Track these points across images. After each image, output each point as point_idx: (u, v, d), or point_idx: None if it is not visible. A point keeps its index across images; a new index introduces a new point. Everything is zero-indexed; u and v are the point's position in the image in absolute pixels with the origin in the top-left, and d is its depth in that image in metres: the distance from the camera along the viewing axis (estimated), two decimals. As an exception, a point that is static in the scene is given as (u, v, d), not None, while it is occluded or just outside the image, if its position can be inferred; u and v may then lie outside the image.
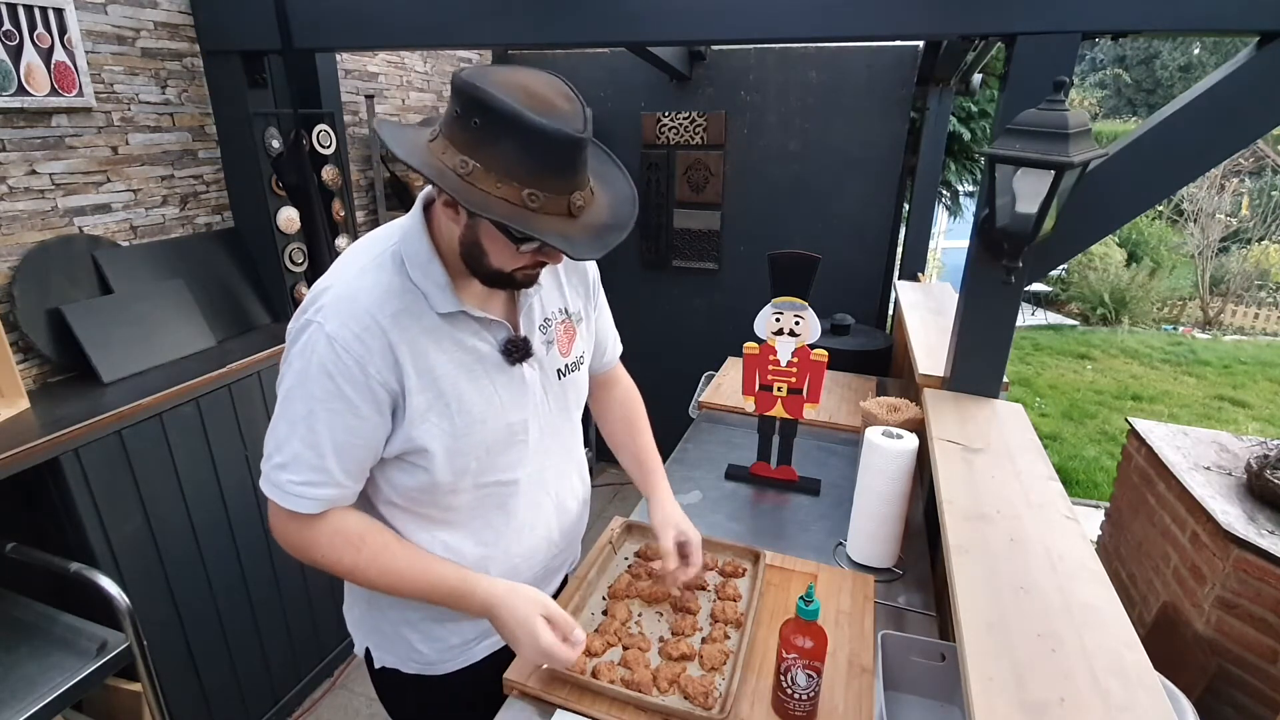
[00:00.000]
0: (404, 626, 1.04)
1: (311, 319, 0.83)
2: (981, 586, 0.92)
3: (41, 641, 1.40)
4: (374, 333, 0.82)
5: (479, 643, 1.07)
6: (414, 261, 0.87)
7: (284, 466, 0.85)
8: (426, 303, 0.86)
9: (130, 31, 1.78)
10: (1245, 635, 1.63)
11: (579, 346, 1.07)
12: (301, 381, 0.83)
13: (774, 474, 1.61)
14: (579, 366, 1.08)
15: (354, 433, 0.85)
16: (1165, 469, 1.95)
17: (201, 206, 2.04)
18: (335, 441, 0.84)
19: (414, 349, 0.85)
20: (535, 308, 0.99)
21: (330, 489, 0.86)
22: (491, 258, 0.83)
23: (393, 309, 0.84)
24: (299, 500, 0.85)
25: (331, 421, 0.83)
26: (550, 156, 0.75)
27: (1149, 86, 18.46)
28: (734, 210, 3.09)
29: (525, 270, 0.86)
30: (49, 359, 1.65)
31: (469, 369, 0.90)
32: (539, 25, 1.58)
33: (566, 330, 1.05)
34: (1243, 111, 1.17)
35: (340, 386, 0.82)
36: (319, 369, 0.82)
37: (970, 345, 1.45)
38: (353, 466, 0.87)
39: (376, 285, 0.84)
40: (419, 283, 0.86)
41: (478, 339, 0.91)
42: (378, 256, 0.87)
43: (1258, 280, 8.21)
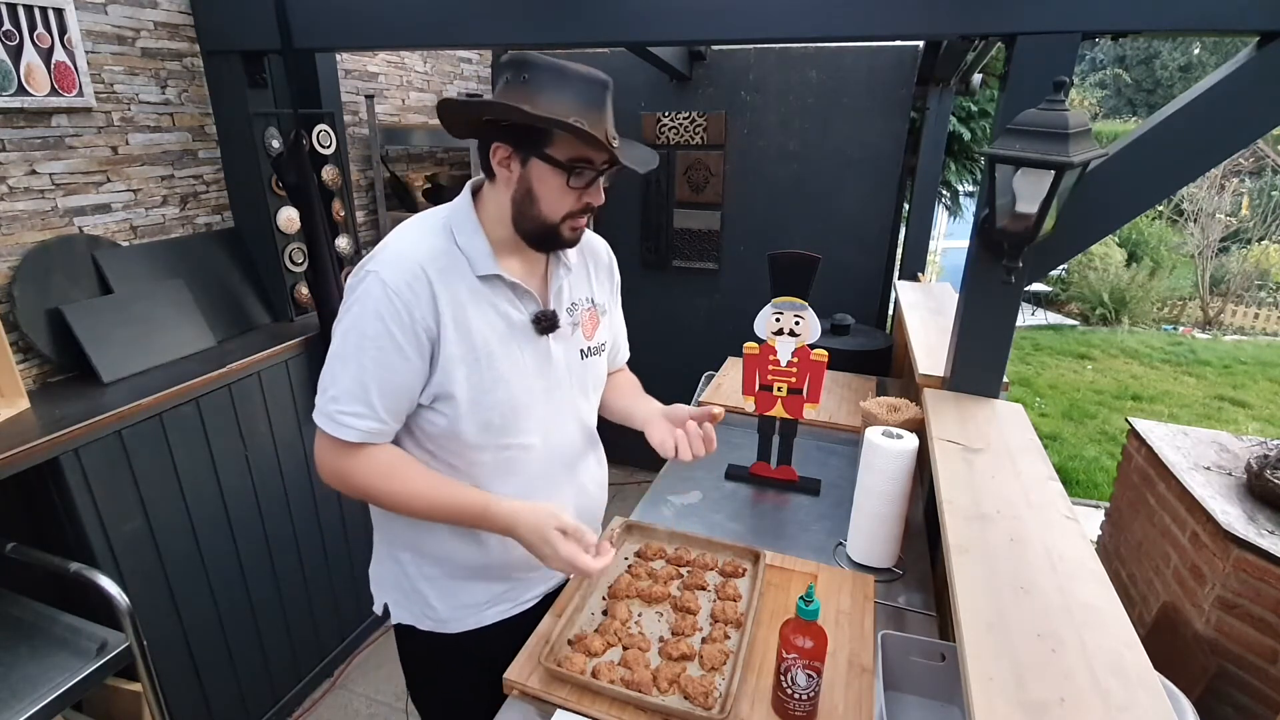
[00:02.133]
0: (422, 582, 1.12)
1: (370, 269, 0.94)
2: (981, 586, 0.92)
3: (41, 641, 1.40)
4: (422, 282, 0.93)
5: (490, 606, 1.14)
6: (460, 229, 0.99)
7: (335, 399, 0.95)
8: (469, 265, 0.97)
9: (130, 31, 1.78)
10: (1245, 635, 1.63)
11: (602, 334, 1.17)
12: (356, 323, 0.93)
13: (774, 474, 1.61)
14: (600, 352, 1.17)
15: (397, 372, 0.94)
16: (1165, 469, 1.95)
17: (201, 206, 2.04)
18: (380, 379, 0.94)
19: (455, 302, 0.95)
20: (565, 290, 1.09)
21: (372, 422, 0.95)
22: (542, 204, 0.95)
23: (440, 265, 0.95)
24: (344, 429, 0.95)
25: (379, 359, 0.93)
26: (586, 94, 0.91)
27: (1149, 86, 18.46)
28: (734, 210, 3.09)
29: (572, 220, 0.98)
30: (49, 359, 1.65)
31: (500, 332, 1.00)
32: (539, 25, 1.58)
33: (591, 317, 1.15)
34: (1243, 111, 1.17)
35: (390, 328, 0.92)
36: (373, 312, 0.92)
37: (970, 345, 1.45)
38: (393, 404, 0.96)
39: (427, 245, 0.96)
40: (464, 247, 0.98)
41: (511, 306, 1.01)
42: (430, 225, 1.00)
43: (1258, 280, 8.21)
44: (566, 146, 0.92)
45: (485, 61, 3.19)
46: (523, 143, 0.93)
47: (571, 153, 0.92)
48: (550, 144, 0.92)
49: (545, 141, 0.92)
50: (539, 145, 0.92)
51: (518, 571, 1.14)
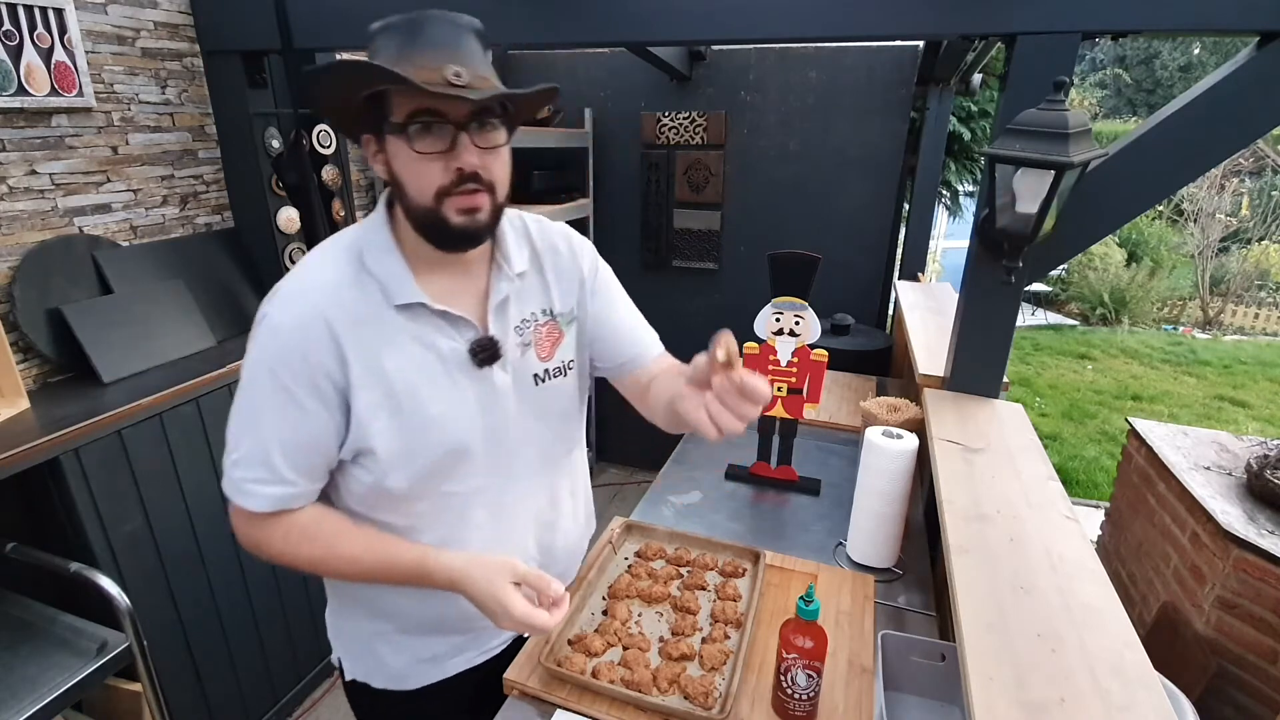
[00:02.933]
0: (376, 639, 1.00)
1: (263, 311, 0.83)
2: (981, 586, 0.92)
3: (41, 641, 1.40)
4: (317, 325, 0.80)
5: (451, 658, 1.02)
6: (371, 252, 0.85)
7: (237, 464, 0.83)
8: (382, 295, 0.83)
9: (130, 31, 1.78)
10: (1245, 635, 1.63)
11: (565, 351, 0.99)
12: (251, 377, 0.82)
13: (774, 474, 1.61)
14: (564, 372, 0.99)
15: (299, 429, 0.82)
16: (1165, 469, 1.95)
17: (201, 206, 2.04)
18: (281, 438, 0.82)
19: (362, 344, 0.82)
20: (510, 306, 0.92)
21: (279, 487, 0.83)
22: (406, 185, 0.80)
23: (343, 300, 0.82)
24: (249, 498, 0.83)
25: (277, 417, 0.81)
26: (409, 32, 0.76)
27: (1149, 86, 18.46)
28: (734, 210, 3.09)
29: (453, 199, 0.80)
30: (49, 359, 1.65)
31: (428, 368, 0.86)
32: (539, 25, 1.58)
33: (549, 333, 0.97)
34: (1243, 111, 1.17)
35: (283, 379, 0.80)
36: (264, 363, 0.81)
37: (970, 345, 1.45)
38: (302, 464, 0.84)
39: (328, 277, 0.83)
40: (375, 272, 0.84)
41: (441, 336, 0.87)
42: (334, 251, 0.87)
43: (1258, 280, 8.21)
44: (402, 104, 0.77)
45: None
46: (371, 123, 0.81)
47: (408, 108, 0.77)
48: (391, 109, 0.78)
49: (387, 109, 0.78)
50: (385, 116, 0.78)
51: (479, 622, 0.93)
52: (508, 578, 0.82)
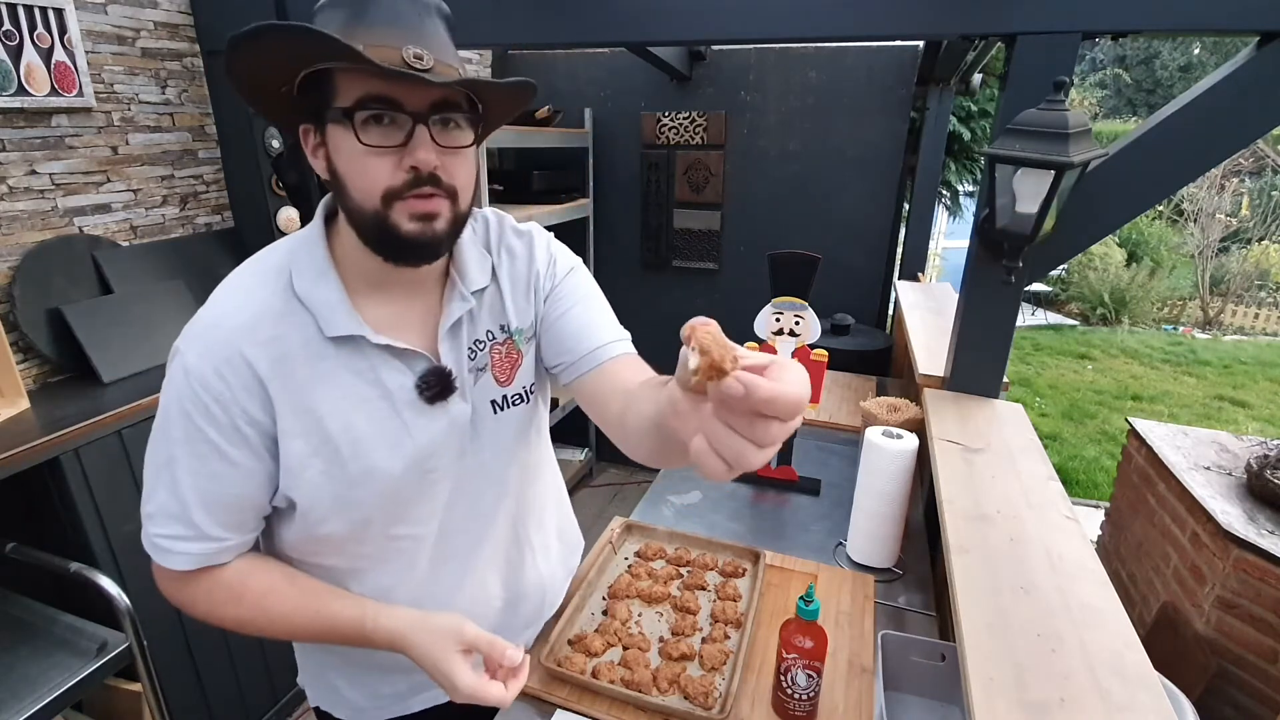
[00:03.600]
0: (329, 670, 0.93)
1: (175, 346, 0.72)
2: (981, 586, 0.92)
3: (41, 641, 1.40)
4: (236, 365, 0.69)
5: (414, 695, 0.94)
6: (302, 274, 0.73)
7: (151, 517, 0.74)
8: (315, 325, 0.72)
9: (130, 31, 1.78)
10: (1245, 635, 1.63)
11: (525, 373, 0.88)
12: (163, 422, 0.72)
13: (774, 474, 1.61)
14: (525, 398, 0.88)
15: (221, 480, 0.72)
16: (1165, 469, 1.95)
17: (201, 206, 2.04)
18: (200, 490, 0.72)
19: (290, 383, 0.71)
20: (462, 328, 0.81)
21: (201, 543, 0.73)
22: (349, 183, 0.68)
23: (266, 335, 0.70)
24: (168, 556, 0.74)
25: (194, 467, 0.71)
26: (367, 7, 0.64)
27: (1149, 86, 18.45)
28: (734, 210, 3.09)
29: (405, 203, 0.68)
30: (49, 359, 1.65)
31: (369, 406, 0.75)
32: (539, 25, 1.58)
33: (508, 353, 0.85)
34: (1243, 111, 1.17)
35: (200, 426, 0.70)
36: (177, 407, 0.71)
37: (970, 345, 1.45)
38: (226, 518, 0.74)
39: (248, 306, 0.71)
40: (306, 299, 0.72)
41: (386, 369, 0.75)
42: (259, 272, 0.74)
43: (1258, 280, 8.21)
44: (351, 87, 0.65)
45: (485, 61, 3.19)
46: (311, 108, 0.68)
47: (356, 91, 0.65)
48: (335, 93, 0.66)
49: (331, 92, 0.66)
50: (327, 101, 0.66)
51: None
52: (454, 645, 0.73)
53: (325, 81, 0.67)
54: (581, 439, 3.61)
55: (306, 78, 0.68)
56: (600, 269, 3.36)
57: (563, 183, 3.07)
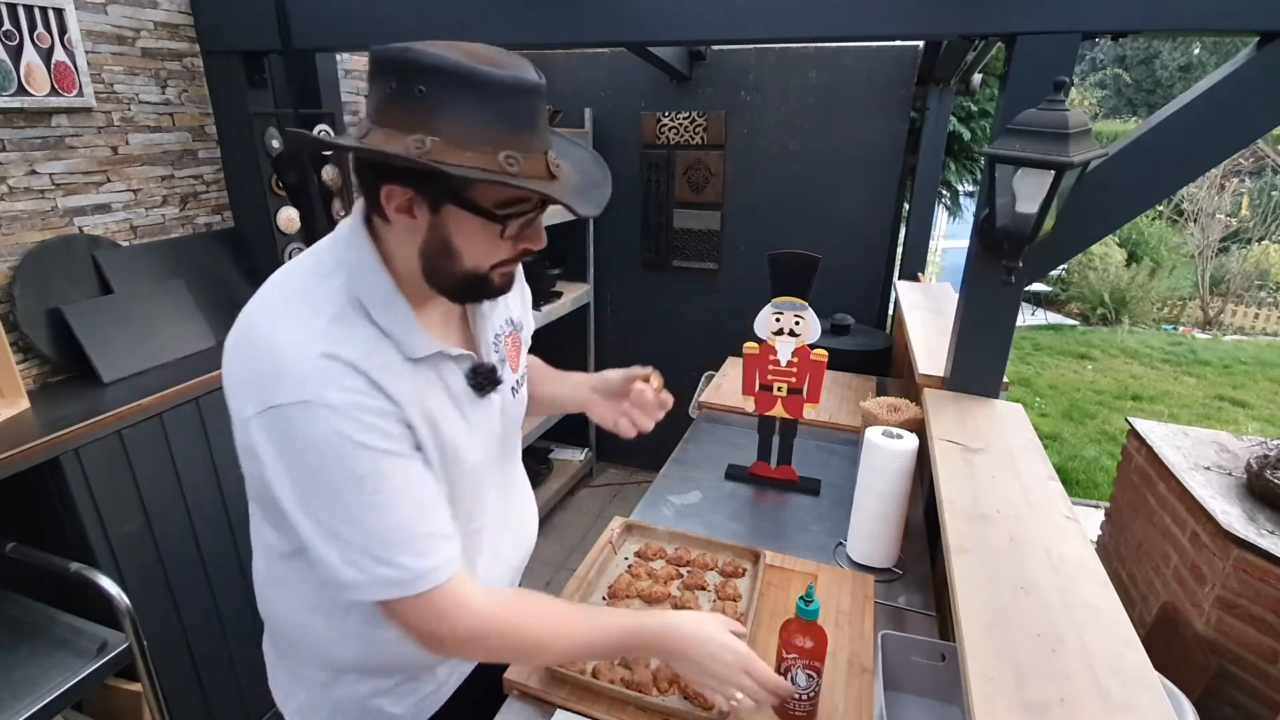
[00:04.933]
0: (375, 697, 0.92)
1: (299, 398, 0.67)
2: (981, 586, 0.92)
3: (41, 641, 1.40)
4: (370, 388, 0.70)
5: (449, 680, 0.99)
6: (375, 302, 0.74)
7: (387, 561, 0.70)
8: (395, 349, 0.74)
9: (130, 31, 1.78)
10: (1245, 635, 1.63)
11: (523, 359, 1.01)
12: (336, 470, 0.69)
13: (774, 474, 1.61)
14: (524, 381, 1.00)
15: (421, 481, 0.75)
16: (1165, 469, 1.95)
17: (201, 206, 2.04)
18: (416, 500, 0.73)
19: (405, 393, 0.74)
20: (487, 323, 0.89)
21: (442, 550, 0.74)
22: (466, 258, 0.73)
23: (377, 362, 0.72)
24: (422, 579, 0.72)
25: (398, 486, 0.72)
26: (515, 110, 0.66)
27: (1149, 86, 18.46)
28: (734, 210, 3.09)
29: (504, 267, 0.76)
30: (49, 359, 1.65)
31: (446, 410, 0.81)
32: (539, 25, 1.58)
33: (513, 343, 0.96)
34: (1243, 111, 1.17)
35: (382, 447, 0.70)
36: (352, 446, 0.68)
37: (970, 345, 1.45)
38: (442, 515, 0.77)
39: (342, 337, 0.71)
40: (385, 327, 0.74)
41: (448, 374, 0.81)
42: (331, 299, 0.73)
43: (1258, 280, 8.21)
44: (494, 191, 0.69)
45: (485, 61, 3.18)
46: (429, 187, 0.68)
47: (499, 196, 0.69)
48: (471, 189, 0.68)
49: (465, 186, 0.68)
50: (455, 189, 0.68)
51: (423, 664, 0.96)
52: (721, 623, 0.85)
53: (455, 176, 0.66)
54: (581, 439, 3.61)
55: None
56: (600, 269, 3.36)
57: (563, 183, 3.06)
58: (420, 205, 0.70)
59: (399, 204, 0.70)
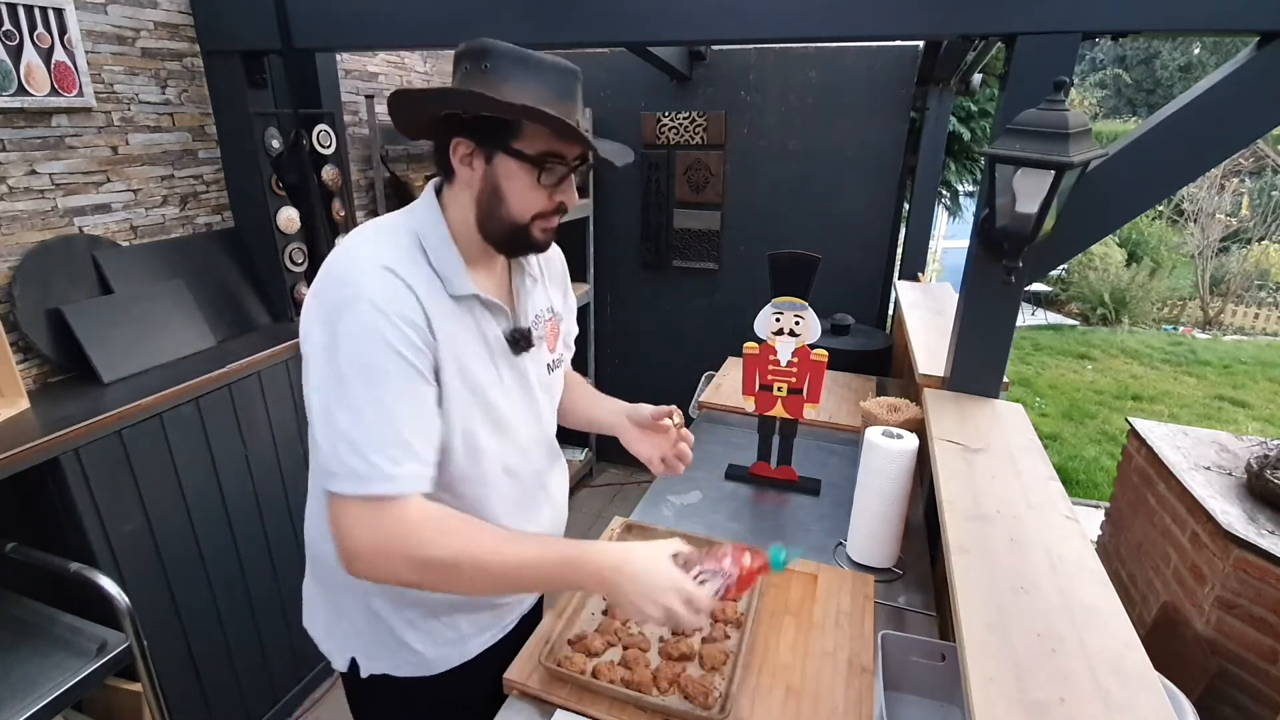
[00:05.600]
0: (401, 625, 1.00)
1: (354, 293, 0.80)
2: (981, 586, 0.92)
3: (41, 641, 1.40)
4: (415, 303, 0.83)
5: (474, 638, 1.06)
6: (431, 244, 0.89)
7: (359, 447, 0.78)
8: (443, 287, 0.88)
9: (130, 31, 1.78)
10: (1245, 635, 1.63)
11: (561, 344, 1.13)
12: (358, 358, 0.79)
13: (774, 474, 1.61)
14: (562, 362, 1.13)
15: (424, 400, 0.84)
16: (1165, 469, 1.95)
17: (201, 206, 2.04)
18: (411, 413, 0.81)
19: (442, 326, 0.86)
20: (529, 302, 1.02)
21: (413, 464, 0.80)
22: (511, 203, 0.87)
23: (425, 289, 0.85)
24: (389, 480, 0.78)
25: (403, 389, 0.81)
26: (556, 83, 0.84)
27: (1149, 86, 18.45)
28: (734, 210, 3.09)
29: (543, 220, 0.90)
30: (49, 359, 1.65)
31: (482, 354, 0.93)
32: (539, 25, 1.58)
33: (552, 328, 1.08)
34: (1243, 111, 1.17)
35: (403, 351, 0.81)
36: (380, 341, 0.79)
37: (970, 345, 1.45)
38: (431, 439, 0.84)
39: (406, 262, 0.85)
40: (437, 265, 0.88)
41: (486, 323, 0.93)
42: (400, 237, 0.89)
43: (1258, 280, 8.21)
44: (536, 139, 0.84)
45: (485, 61, 3.18)
46: (486, 136, 0.84)
47: (541, 146, 0.84)
48: (518, 136, 0.84)
49: (512, 134, 0.84)
50: (505, 139, 0.84)
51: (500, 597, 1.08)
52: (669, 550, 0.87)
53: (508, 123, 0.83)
54: (582, 439, 3.61)
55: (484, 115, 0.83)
56: (600, 269, 3.36)
57: (563, 183, 3.06)
58: (479, 157, 0.86)
59: (463, 154, 0.86)
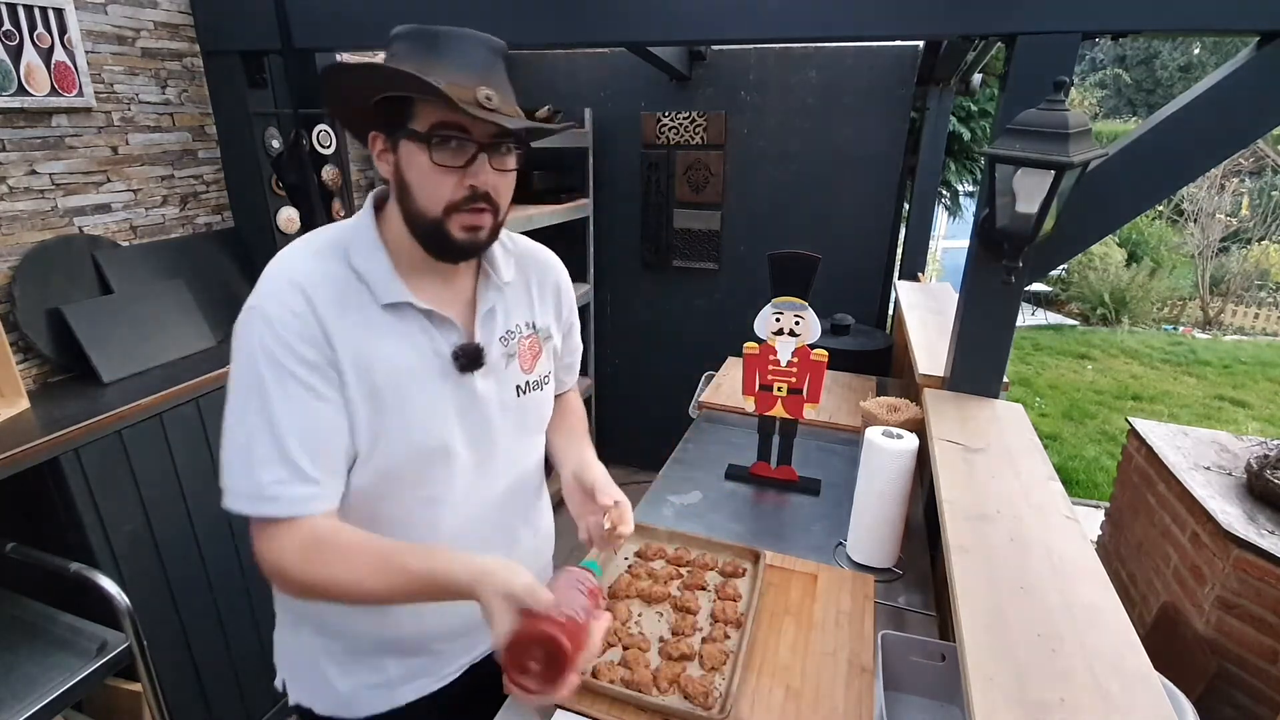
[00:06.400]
0: (323, 657, 0.95)
1: (251, 306, 0.79)
2: (981, 586, 0.92)
3: (41, 641, 1.40)
4: (308, 315, 0.78)
5: (405, 684, 0.97)
6: (358, 251, 0.83)
7: (251, 465, 0.76)
8: (370, 293, 0.82)
9: (130, 31, 1.78)
10: (1245, 635, 1.63)
11: (543, 365, 1.00)
12: (248, 373, 0.77)
13: (774, 474, 1.61)
14: (542, 386, 1.00)
15: (316, 416, 0.78)
16: (1165, 469, 1.95)
17: (201, 206, 2.04)
18: (299, 429, 0.77)
19: (349, 337, 0.80)
20: (497, 316, 0.93)
21: (303, 486, 0.77)
22: (416, 192, 0.79)
23: (331, 295, 0.80)
24: (274, 503, 0.76)
25: (290, 407, 0.76)
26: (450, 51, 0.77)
27: (1149, 86, 18.46)
28: (734, 210, 3.09)
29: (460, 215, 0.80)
30: (49, 359, 1.65)
31: (412, 367, 0.84)
32: (539, 25, 1.58)
33: (531, 346, 0.98)
34: (1243, 111, 1.17)
35: (288, 365, 0.76)
36: (264, 354, 0.76)
37: (970, 345, 1.45)
38: (324, 459, 0.79)
39: (314, 271, 0.80)
40: (361, 270, 0.82)
41: (428, 338, 0.85)
42: (316, 246, 0.84)
43: (1258, 280, 8.21)
44: (427, 114, 0.77)
45: (485, 61, 3.18)
46: (389, 124, 0.80)
47: (432, 119, 0.77)
48: (413, 116, 0.78)
49: (408, 114, 0.78)
50: (402, 120, 0.78)
51: (438, 643, 0.97)
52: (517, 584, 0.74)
53: (404, 105, 0.78)
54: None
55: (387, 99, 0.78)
56: (600, 269, 3.36)
57: (563, 182, 3.07)
58: (389, 149, 0.81)
59: (379, 152, 0.82)
